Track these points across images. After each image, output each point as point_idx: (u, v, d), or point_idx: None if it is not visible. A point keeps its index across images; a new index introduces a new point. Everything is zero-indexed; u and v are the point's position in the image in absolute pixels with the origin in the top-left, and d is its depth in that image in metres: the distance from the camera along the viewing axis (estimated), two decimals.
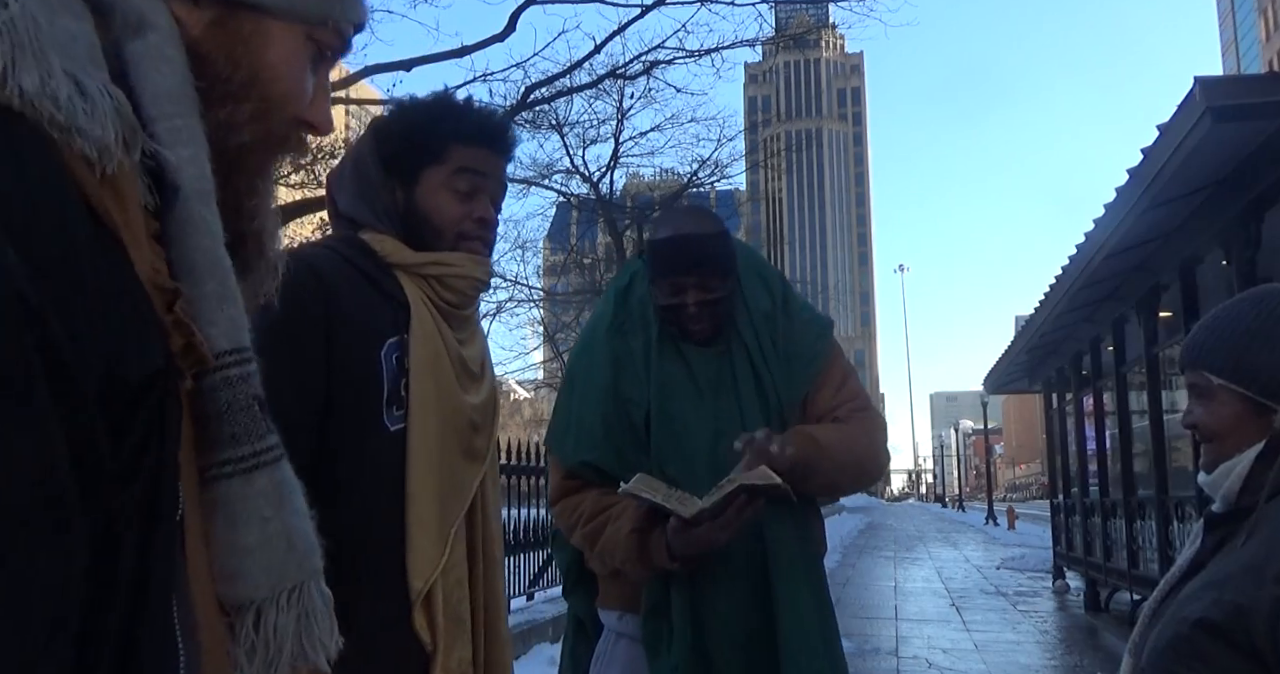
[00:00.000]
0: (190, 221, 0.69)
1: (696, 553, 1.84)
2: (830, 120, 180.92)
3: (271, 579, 0.70)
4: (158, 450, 0.61)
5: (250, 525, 0.69)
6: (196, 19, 0.74)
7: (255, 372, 0.72)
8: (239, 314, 0.71)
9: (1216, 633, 1.24)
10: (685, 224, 2.04)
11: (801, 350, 2.08)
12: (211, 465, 0.69)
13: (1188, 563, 1.44)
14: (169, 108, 0.69)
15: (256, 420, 0.71)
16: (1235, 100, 5.11)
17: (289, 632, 0.71)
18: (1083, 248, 7.82)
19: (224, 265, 0.70)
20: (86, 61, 0.63)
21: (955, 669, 7.21)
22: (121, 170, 0.63)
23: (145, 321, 0.62)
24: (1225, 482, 1.41)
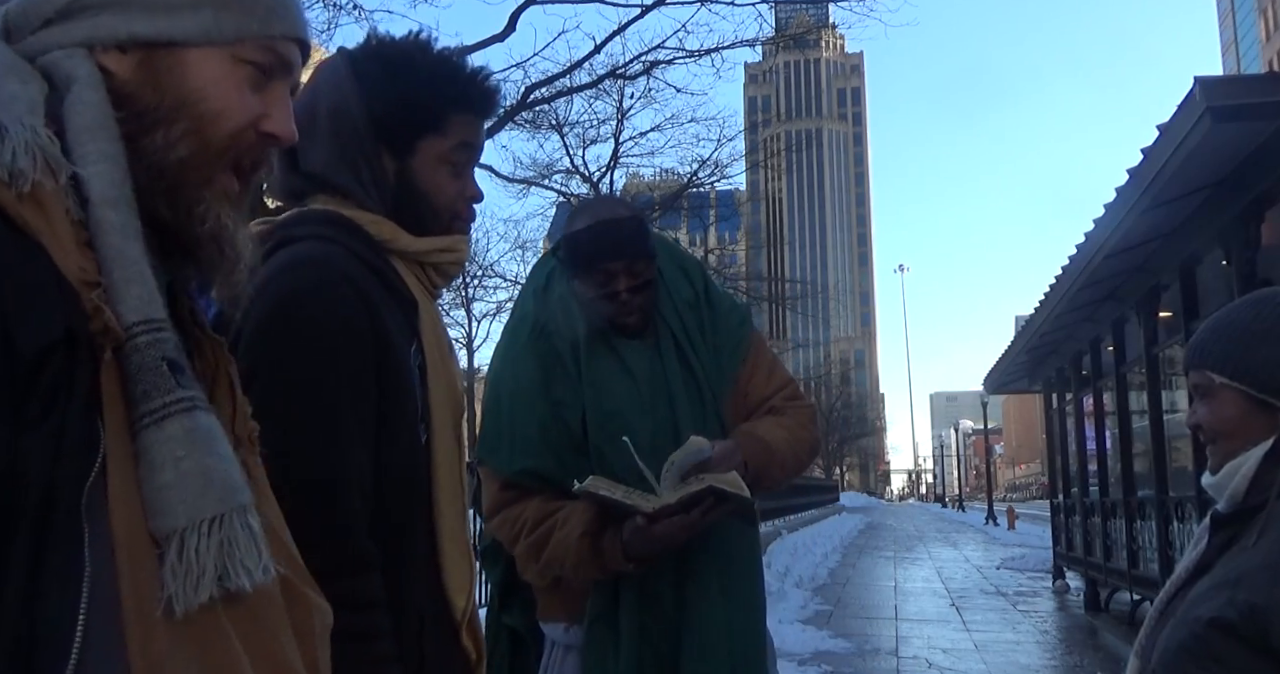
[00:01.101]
0: (99, 223, 0.82)
1: (653, 553, 1.82)
2: (830, 120, 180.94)
3: (190, 511, 0.80)
4: (65, 403, 0.75)
5: (165, 466, 0.80)
6: (125, 64, 0.89)
7: (166, 338, 0.83)
8: (145, 292, 0.83)
9: (1232, 632, 1.24)
10: (602, 211, 2.00)
11: (726, 340, 2.06)
12: (135, 420, 0.81)
13: (1194, 563, 1.43)
14: (84, 137, 0.84)
15: (165, 377, 0.82)
16: (1235, 100, 5.11)
17: (209, 556, 0.80)
18: (1083, 248, 7.82)
19: (127, 254, 0.83)
20: (24, 112, 0.80)
21: (955, 669, 7.21)
22: (43, 191, 0.78)
23: (48, 303, 0.76)
24: (1231, 482, 1.41)
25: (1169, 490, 8.25)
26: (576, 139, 19.13)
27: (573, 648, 1.97)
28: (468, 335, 25.92)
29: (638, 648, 1.86)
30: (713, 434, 1.91)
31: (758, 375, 2.07)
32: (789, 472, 2.04)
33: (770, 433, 1.97)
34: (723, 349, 2.05)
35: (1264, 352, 1.39)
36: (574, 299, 2.00)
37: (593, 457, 1.92)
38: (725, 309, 2.10)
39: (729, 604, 1.90)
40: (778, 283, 39.30)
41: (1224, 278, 6.68)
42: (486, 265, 23.44)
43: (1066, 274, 8.63)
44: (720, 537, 1.90)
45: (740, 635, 1.90)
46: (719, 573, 1.91)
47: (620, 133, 19.23)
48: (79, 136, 0.84)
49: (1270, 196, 5.91)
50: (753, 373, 2.06)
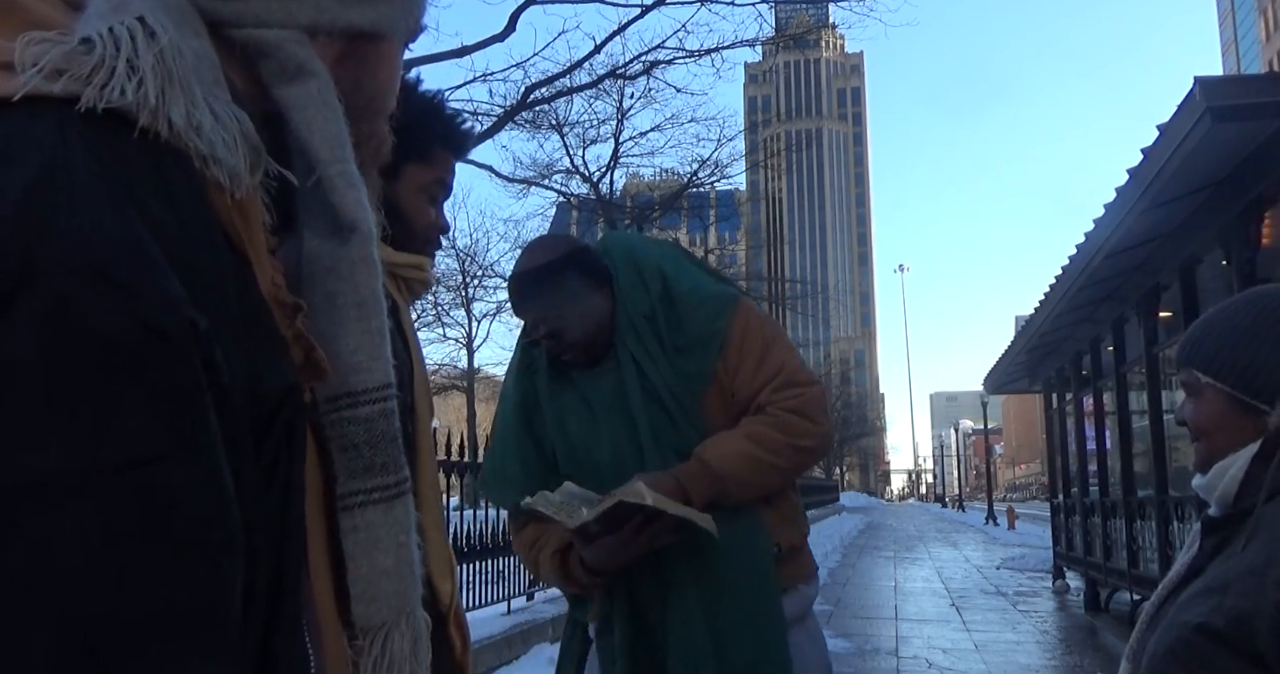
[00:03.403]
0: (366, 261, 0.74)
1: (609, 567, 1.90)
2: (830, 120, 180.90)
3: (400, 602, 0.74)
4: (286, 464, 0.64)
5: (390, 550, 0.73)
6: (329, 54, 0.78)
7: (397, 408, 0.76)
8: (390, 351, 0.75)
9: (1218, 639, 1.23)
10: (521, 261, 2.06)
11: (693, 339, 1.98)
12: (359, 491, 0.73)
13: (1185, 567, 1.43)
14: (339, 152, 0.74)
15: (401, 452, 0.75)
16: (1235, 100, 5.11)
17: (406, 653, 0.74)
18: (1083, 248, 7.82)
19: (384, 304, 0.75)
20: (214, 84, 0.66)
21: (955, 669, 7.21)
22: (248, 192, 0.65)
23: (275, 338, 0.65)
24: (1220, 483, 1.40)
25: (1169, 490, 8.25)
26: (576, 139, 19.14)
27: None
28: (468, 335, 25.91)
29: (629, 652, 1.93)
30: (688, 442, 1.94)
31: (744, 367, 1.97)
32: (766, 477, 1.95)
33: (721, 451, 1.91)
34: (689, 349, 1.97)
35: (1249, 353, 1.38)
36: None
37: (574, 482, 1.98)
38: (691, 305, 2.00)
39: (714, 614, 1.88)
40: (778, 283, 39.30)
41: (1224, 278, 6.68)
42: (487, 265, 23.44)
43: (1066, 274, 8.63)
44: (708, 545, 1.88)
45: (736, 645, 1.88)
46: (696, 583, 1.90)
47: (620, 133, 19.23)
48: (330, 149, 0.73)
49: (1270, 196, 5.91)
50: (738, 366, 1.97)
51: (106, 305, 0.52)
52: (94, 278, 0.52)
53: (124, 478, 0.52)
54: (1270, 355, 1.36)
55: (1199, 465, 1.46)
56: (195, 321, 0.55)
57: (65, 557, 0.50)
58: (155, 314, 0.54)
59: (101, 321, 0.52)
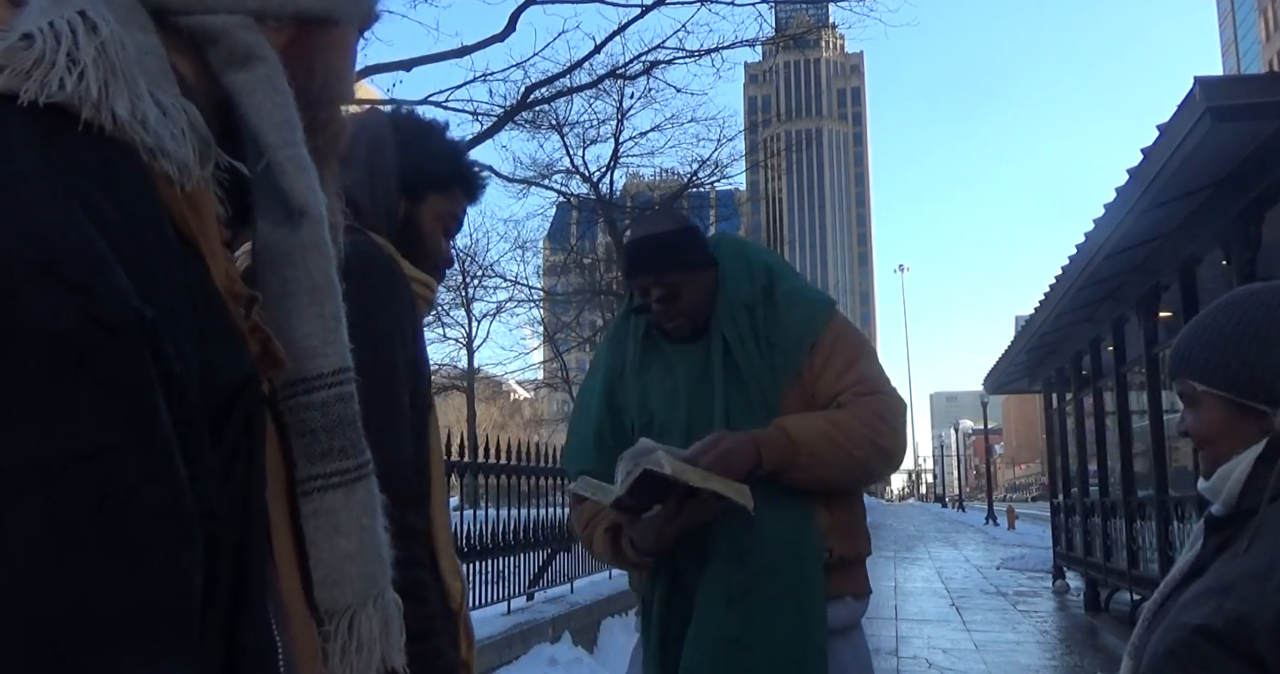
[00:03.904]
0: (317, 245, 0.74)
1: (655, 547, 1.94)
2: (830, 120, 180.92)
3: (366, 585, 0.74)
4: (247, 453, 0.65)
5: (352, 533, 0.73)
6: (280, 39, 0.77)
7: (355, 392, 0.75)
8: (345, 335, 0.75)
9: (1218, 640, 1.24)
10: (643, 228, 2.18)
11: (785, 336, 2.03)
12: (318, 476, 0.73)
13: (1188, 566, 1.43)
14: (288, 136, 0.73)
15: (359, 436, 0.75)
16: (1235, 100, 5.11)
17: (376, 635, 0.74)
18: (1083, 248, 7.82)
19: (338, 288, 0.75)
20: (160, 77, 0.65)
21: (955, 669, 7.21)
22: (198, 184, 0.65)
23: (230, 329, 0.65)
24: (1225, 485, 1.40)
25: (1169, 490, 8.25)
26: (576, 139, 19.10)
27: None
28: (468, 335, 25.90)
29: (659, 653, 2.00)
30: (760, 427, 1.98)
31: (829, 371, 2.01)
32: (841, 464, 1.93)
33: (802, 423, 1.92)
34: (780, 345, 2.02)
35: (1241, 356, 1.37)
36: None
37: None
38: (790, 305, 2.06)
39: (747, 598, 1.91)
40: None
41: (1224, 278, 6.68)
42: (486, 265, 23.42)
43: (1066, 274, 8.63)
44: (751, 525, 1.87)
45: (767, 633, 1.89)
46: (732, 564, 1.93)
47: (620, 133, 19.19)
48: (279, 133, 0.73)
49: (1270, 196, 5.91)
50: (823, 368, 2.01)
51: (52, 300, 0.52)
52: (39, 273, 0.52)
53: (75, 471, 0.52)
54: (1261, 356, 1.36)
55: (1208, 474, 1.46)
56: (142, 313, 0.55)
57: (18, 551, 0.50)
58: (101, 307, 0.54)
59: (48, 317, 0.52)
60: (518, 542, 6.55)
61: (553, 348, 26.29)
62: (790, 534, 1.93)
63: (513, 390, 41.74)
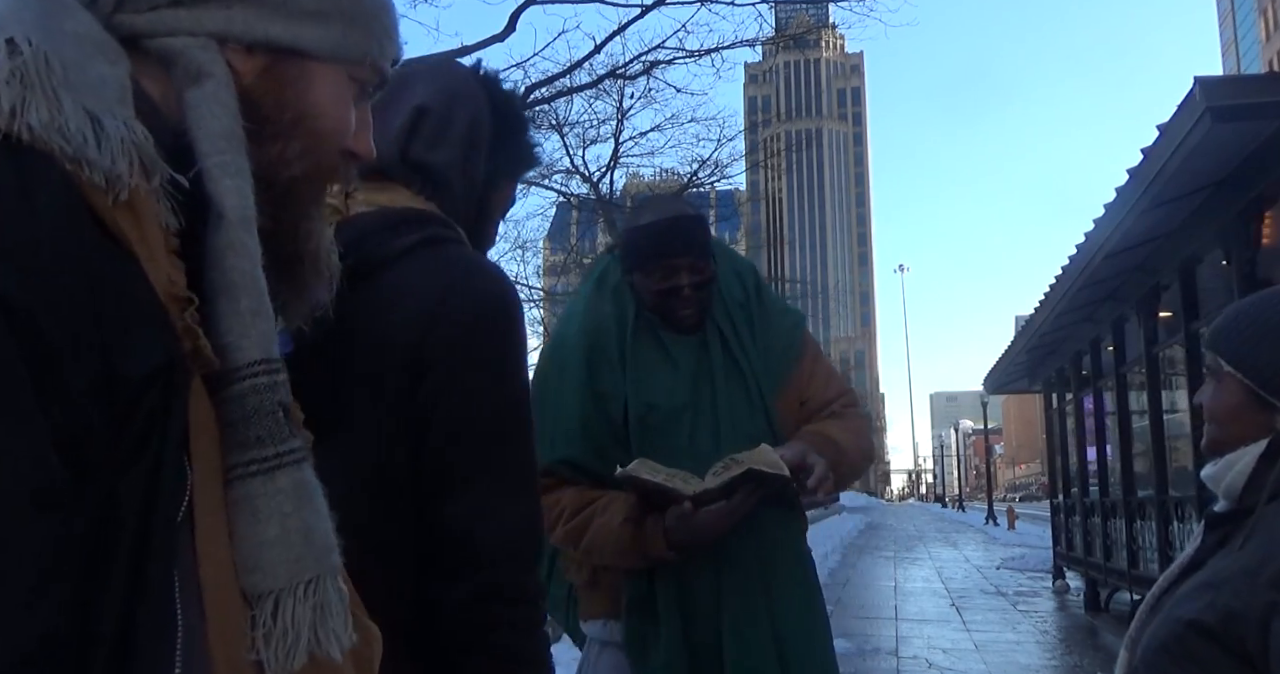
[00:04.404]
0: (231, 245, 0.76)
1: (695, 541, 1.83)
2: (830, 120, 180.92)
3: (290, 571, 0.75)
4: (159, 439, 0.67)
5: (271, 520, 0.74)
6: (250, 67, 0.82)
7: (284, 381, 0.78)
8: (270, 328, 0.77)
9: (1209, 635, 1.25)
10: (671, 208, 2.07)
11: (777, 341, 2.07)
12: (237, 465, 0.75)
13: (1188, 560, 1.44)
14: (221, 144, 0.77)
15: (280, 425, 0.76)
16: (1235, 100, 5.11)
17: (305, 621, 0.75)
18: (1083, 248, 7.82)
19: (259, 284, 0.77)
20: (113, 101, 0.71)
21: (955, 669, 7.21)
22: (138, 195, 0.70)
23: (149, 323, 0.68)
24: (1228, 476, 1.41)
25: (1169, 490, 8.25)
26: (576, 139, 19.09)
27: (610, 644, 1.98)
28: None
29: (679, 637, 1.87)
30: (759, 431, 1.95)
31: (816, 380, 2.07)
32: (855, 473, 2.06)
33: (840, 435, 1.99)
34: (773, 349, 2.06)
35: (1273, 349, 1.38)
36: (628, 293, 2.04)
37: (633, 448, 1.93)
38: (777, 311, 2.13)
39: (772, 595, 1.91)
40: (778, 283, 39.34)
41: (1224, 278, 6.68)
42: None
43: (1066, 274, 8.63)
44: (759, 524, 1.90)
45: (791, 627, 1.91)
46: (759, 562, 1.92)
47: (620, 133, 19.18)
48: (211, 142, 0.77)
49: (1270, 196, 5.91)
50: (810, 376, 2.07)
51: None
52: None
53: None
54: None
55: (1208, 448, 1.47)
56: (8, 296, 0.60)
57: None
58: None
59: None
60: None
61: None
62: (794, 531, 2.03)
63: None
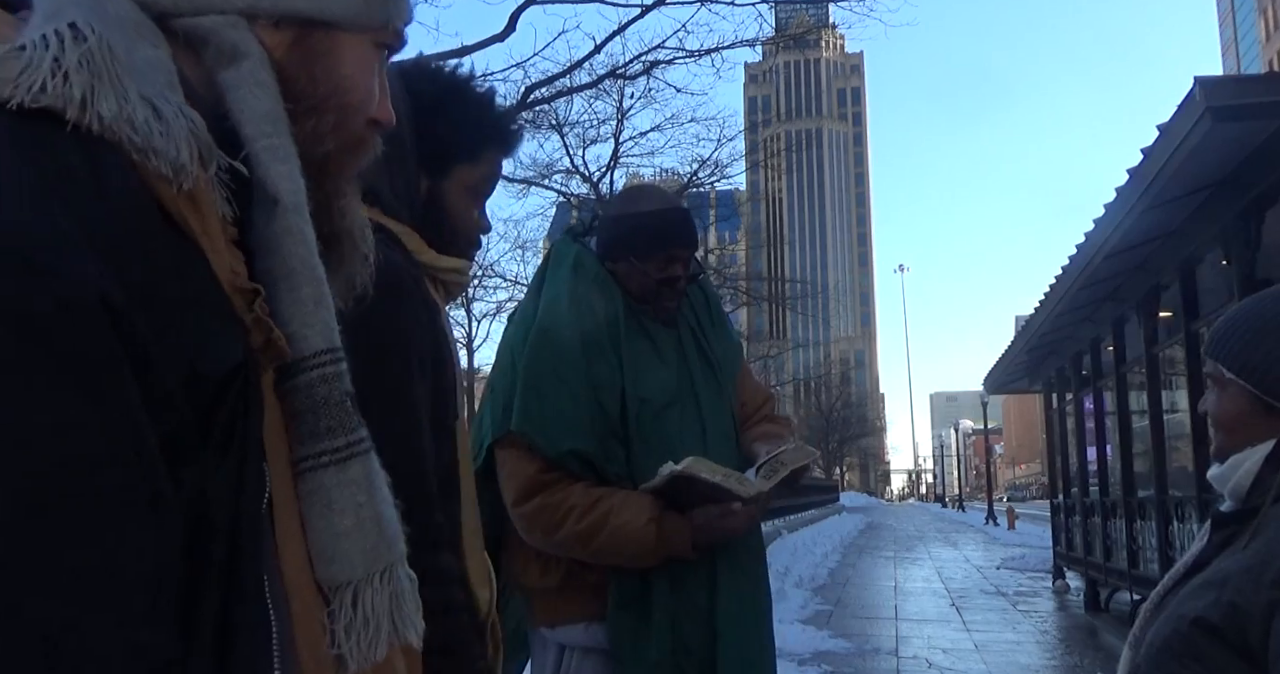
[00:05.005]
0: (289, 231, 0.75)
1: (719, 540, 1.89)
2: (830, 120, 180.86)
3: (366, 561, 0.74)
4: (241, 437, 0.67)
5: (346, 511, 0.74)
6: (278, 41, 0.79)
7: (346, 370, 0.77)
8: (331, 317, 0.76)
9: (1212, 633, 1.25)
10: (671, 198, 2.14)
11: (729, 341, 2.19)
12: (308, 457, 0.74)
13: (1192, 559, 1.44)
14: (266, 127, 0.75)
15: (349, 414, 0.76)
16: (1235, 100, 5.11)
17: (384, 610, 0.75)
18: (1083, 248, 7.82)
19: (318, 271, 0.76)
20: (164, 86, 0.69)
21: (955, 669, 7.21)
22: (198, 184, 0.68)
23: (225, 320, 0.68)
24: (1234, 476, 1.41)
25: (1169, 490, 8.25)
26: (576, 139, 19.11)
27: (593, 650, 1.92)
28: (468, 335, 25.92)
29: (670, 636, 1.86)
30: (729, 426, 2.04)
31: (748, 383, 2.19)
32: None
33: (789, 438, 2.10)
34: (728, 350, 2.16)
35: (1274, 352, 1.37)
36: (612, 282, 2.02)
37: (631, 441, 1.92)
38: (724, 316, 2.23)
39: (757, 583, 1.99)
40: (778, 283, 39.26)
41: (1224, 278, 6.68)
42: (486, 265, 23.40)
43: (1066, 274, 8.62)
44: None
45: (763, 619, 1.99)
46: (747, 557, 1.99)
47: (620, 133, 19.20)
48: (256, 125, 0.75)
49: (1270, 196, 5.91)
50: (745, 381, 2.18)
51: (22, 282, 0.57)
52: (9, 258, 0.57)
53: (40, 441, 0.55)
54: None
55: (1217, 455, 1.47)
56: (107, 295, 0.59)
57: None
58: (68, 289, 0.58)
59: (16, 297, 0.57)
60: None
61: None
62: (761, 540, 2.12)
63: None
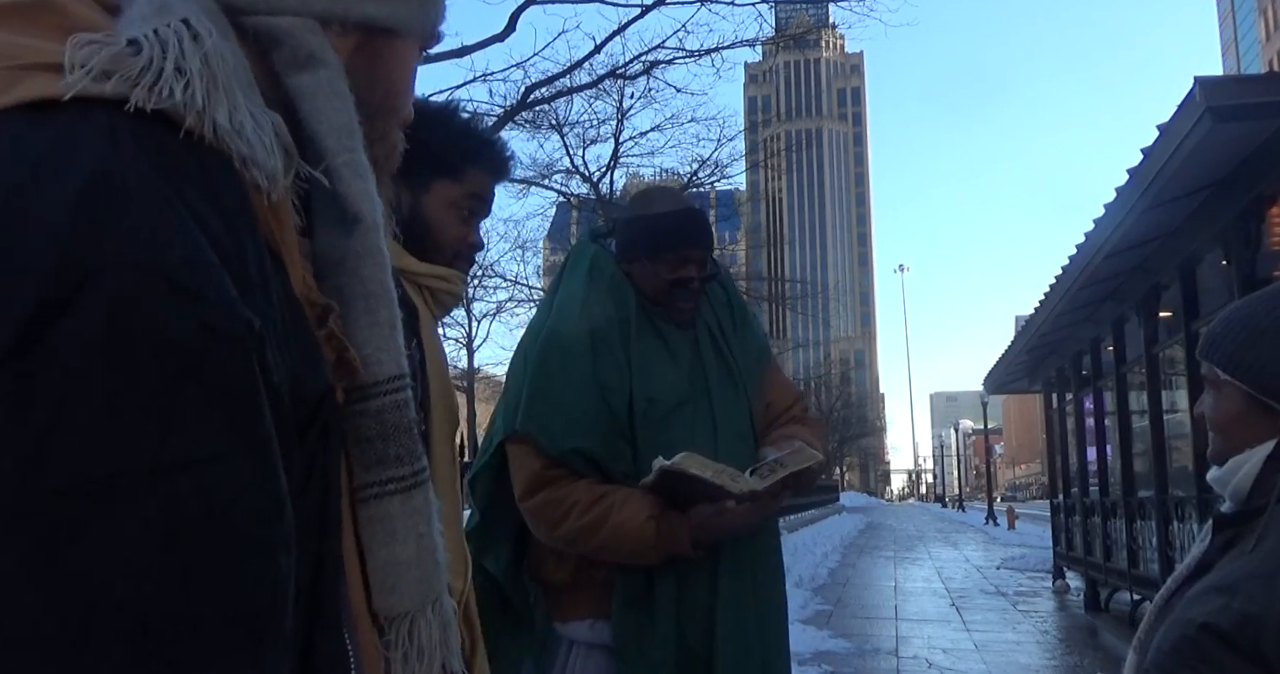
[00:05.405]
0: (369, 252, 0.73)
1: (718, 539, 1.88)
2: (830, 120, 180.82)
3: (421, 592, 0.74)
4: (324, 463, 0.65)
5: (409, 540, 0.73)
6: (344, 46, 0.76)
7: (412, 397, 0.75)
8: (402, 342, 0.75)
9: (1223, 639, 1.24)
10: (683, 199, 2.13)
11: (753, 343, 2.16)
12: (373, 483, 0.73)
13: (1195, 562, 1.43)
14: (347, 141, 0.72)
15: (416, 442, 0.75)
16: (1235, 100, 5.11)
17: (437, 641, 0.75)
18: (1083, 248, 7.82)
19: (393, 295, 0.74)
20: (248, 87, 0.65)
21: (955, 669, 7.21)
22: (281, 194, 0.65)
23: (311, 339, 0.65)
24: (1234, 479, 1.40)
25: (1169, 490, 8.25)
26: (576, 139, 19.09)
27: (597, 646, 1.95)
28: (468, 335, 25.93)
29: (674, 636, 1.88)
30: (746, 428, 2.02)
31: (777, 386, 2.15)
32: (819, 476, 2.13)
33: (811, 439, 2.04)
34: (750, 352, 2.13)
35: (1269, 354, 1.37)
36: (627, 283, 2.04)
37: (637, 440, 1.93)
38: (749, 316, 2.20)
39: (758, 588, 1.97)
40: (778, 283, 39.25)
41: (1224, 278, 6.68)
42: (486, 265, 23.40)
43: (1066, 274, 8.62)
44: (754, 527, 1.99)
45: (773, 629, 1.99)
46: (751, 563, 1.98)
47: (620, 133, 19.19)
48: (338, 137, 0.72)
49: (1270, 196, 5.91)
50: (774, 382, 2.15)
51: (167, 306, 0.53)
52: (154, 279, 0.53)
53: (187, 475, 0.53)
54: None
55: (1214, 457, 1.46)
56: (250, 321, 0.56)
57: (132, 552, 0.51)
58: (215, 315, 0.54)
59: (163, 322, 0.53)
60: None
61: None
62: (775, 537, 2.11)
63: None
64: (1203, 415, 1.48)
